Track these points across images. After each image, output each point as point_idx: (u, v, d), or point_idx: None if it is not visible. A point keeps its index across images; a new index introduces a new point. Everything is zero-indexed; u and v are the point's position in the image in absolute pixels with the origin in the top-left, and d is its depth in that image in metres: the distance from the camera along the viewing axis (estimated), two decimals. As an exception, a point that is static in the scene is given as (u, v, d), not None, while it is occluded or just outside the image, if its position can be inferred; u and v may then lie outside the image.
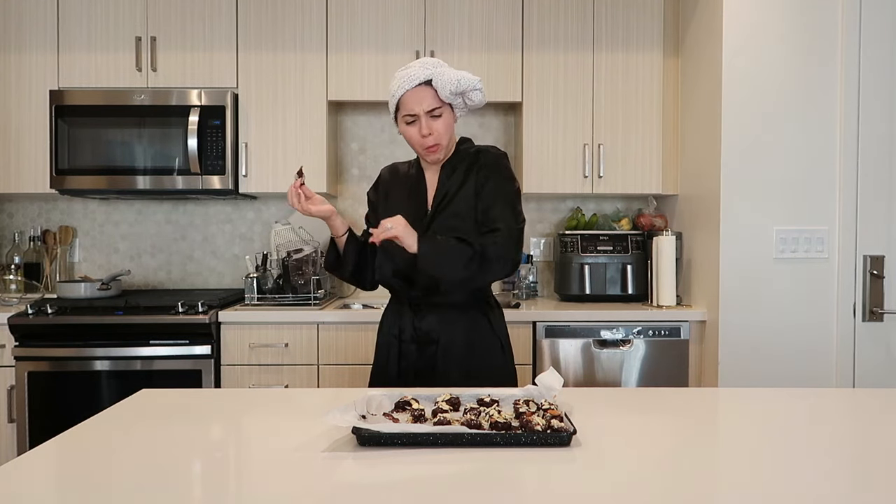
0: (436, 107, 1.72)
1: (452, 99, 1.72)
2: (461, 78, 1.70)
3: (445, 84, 1.69)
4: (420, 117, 1.72)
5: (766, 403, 1.41)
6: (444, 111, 1.74)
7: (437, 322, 1.78)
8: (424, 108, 1.71)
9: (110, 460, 1.04)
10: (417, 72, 1.72)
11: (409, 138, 1.77)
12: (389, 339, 1.83)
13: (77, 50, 2.94)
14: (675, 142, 3.05)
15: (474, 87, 1.72)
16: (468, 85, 1.70)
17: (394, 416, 1.19)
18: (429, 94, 1.72)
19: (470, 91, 1.72)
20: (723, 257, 2.58)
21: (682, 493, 0.92)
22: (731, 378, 2.57)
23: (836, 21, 2.54)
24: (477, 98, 1.75)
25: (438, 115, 1.73)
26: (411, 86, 1.71)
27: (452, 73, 1.70)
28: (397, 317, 1.83)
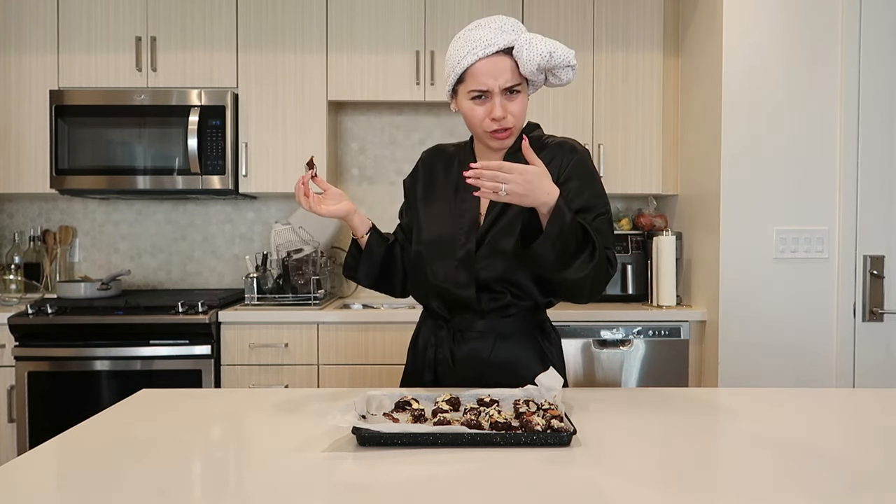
0: (516, 84, 1.38)
1: (536, 76, 1.38)
2: (554, 50, 1.35)
3: (533, 56, 1.33)
4: (494, 95, 1.37)
5: (766, 403, 1.41)
6: (523, 88, 1.41)
7: (481, 351, 1.47)
8: (501, 85, 1.36)
9: (110, 460, 1.04)
10: (495, 36, 1.36)
11: (471, 118, 1.41)
12: (422, 371, 1.54)
13: (77, 50, 2.94)
14: (675, 142, 3.05)
15: (567, 64, 1.38)
16: (561, 59, 1.36)
17: (394, 416, 1.19)
18: (508, 66, 1.36)
19: (562, 68, 1.38)
20: (723, 257, 2.58)
21: (682, 493, 0.92)
22: (731, 378, 2.56)
23: (836, 21, 2.54)
24: (567, 77, 1.41)
25: (517, 92, 1.39)
26: (486, 53, 1.35)
27: (542, 44, 1.35)
28: (433, 334, 1.54)
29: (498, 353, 1.48)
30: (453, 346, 1.50)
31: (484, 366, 1.48)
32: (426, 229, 1.53)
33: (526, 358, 1.49)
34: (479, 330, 1.49)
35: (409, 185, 1.62)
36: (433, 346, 1.53)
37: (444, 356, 1.51)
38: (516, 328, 1.50)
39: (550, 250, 1.28)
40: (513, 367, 1.47)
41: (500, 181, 1.22)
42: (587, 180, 1.44)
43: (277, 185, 2.97)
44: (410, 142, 3.32)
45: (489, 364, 1.48)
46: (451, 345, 1.50)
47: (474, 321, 1.49)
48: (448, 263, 1.47)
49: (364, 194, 3.35)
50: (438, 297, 1.50)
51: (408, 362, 1.62)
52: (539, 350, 1.52)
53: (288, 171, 2.96)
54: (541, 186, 1.24)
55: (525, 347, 1.50)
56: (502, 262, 1.44)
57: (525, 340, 1.51)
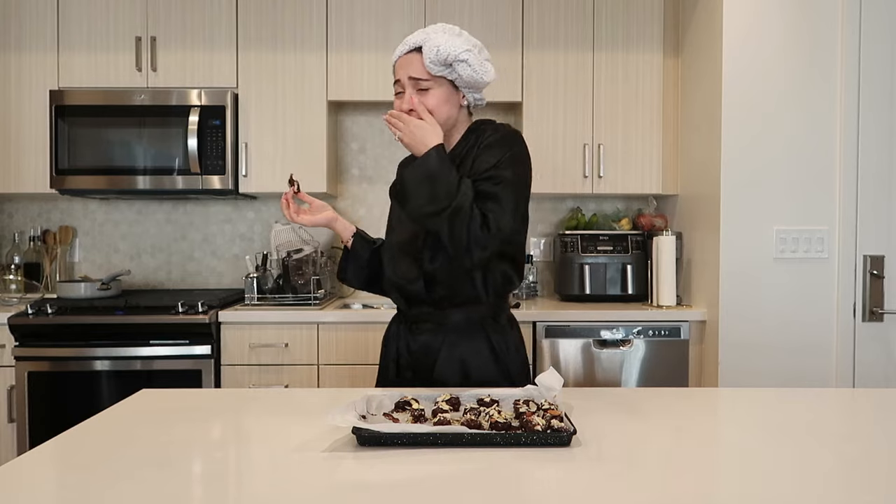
0: (420, 77, 1.50)
1: (442, 71, 1.49)
2: (441, 45, 1.46)
3: (429, 52, 1.47)
4: (406, 87, 1.52)
5: (766, 403, 1.41)
6: (435, 85, 1.51)
7: (432, 344, 1.57)
8: (409, 74, 1.51)
9: (110, 460, 1.04)
10: (415, 36, 1.52)
11: None
12: (388, 363, 1.65)
13: (77, 50, 2.94)
14: (675, 142, 3.05)
15: (457, 58, 1.47)
16: (449, 54, 1.46)
17: (394, 416, 1.19)
18: (416, 61, 1.51)
19: (457, 62, 1.48)
20: (723, 257, 2.58)
21: (681, 493, 0.92)
22: (731, 378, 2.56)
23: (836, 21, 2.54)
24: (465, 72, 1.49)
25: (425, 89, 1.50)
26: (402, 52, 1.53)
27: (441, 39, 1.47)
28: (396, 337, 1.64)
29: (448, 346, 1.56)
30: (409, 338, 1.61)
31: (434, 358, 1.56)
32: (389, 229, 1.69)
33: (474, 350, 1.56)
34: (431, 322, 1.58)
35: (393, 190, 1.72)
36: (395, 340, 1.64)
37: (402, 349, 1.62)
38: (465, 320, 1.57)
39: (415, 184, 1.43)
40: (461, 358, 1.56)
41: (398, 128, 1.46)
42: (501, 150, 1.52)
43: (277, 185, 2.97)
44: (410, 142, 3.32)
45: (439, 356, 1.56)
46: (408, 337, 1.61)
47: (427, 314, 1.59)
48: (401, 259, 1.59)
49: (364, 194, 3.35)
50: (397, 291, 1.62)
51: (380, 357, 1.71)
52: (489, 343, 1.57)
53: (288, 171, 2.96)
54: (422, 138, 1.44)
55: (474, 339, 1.57)
56: (446, 255, 1.51)
57: (474, 333, 1.57)
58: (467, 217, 1.41)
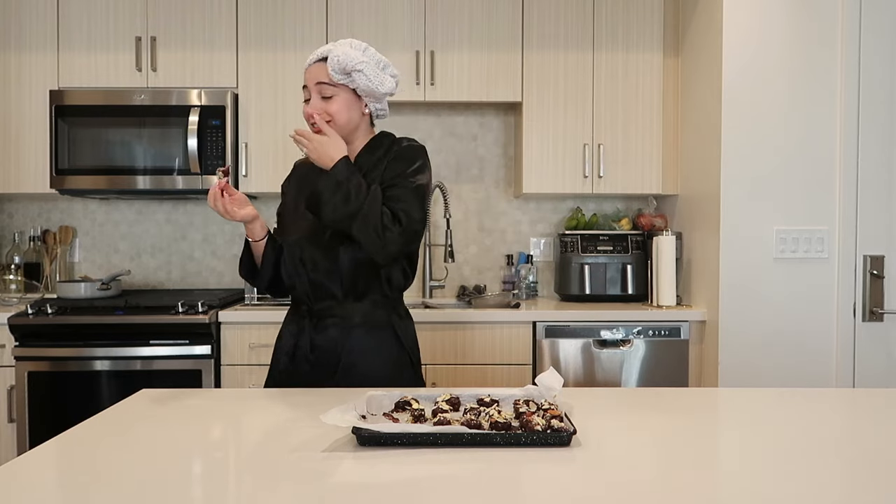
0: (324, 82, 1.58)
1: (341, 78, 1.57)
2: (341, 55, 1.55)
3: (330, 61, 1.56)
4: (312, 94, 1.60)
5: (766, 403, 1.41)
6: (339, 93, 1.59)
7: (338, 337, 1.63)
8: (313, 83, 1.59)
9: (110, 460, 1.04)
10: (322, 49, 1.60)
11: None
12: (280, 357, 1.69)
13: (77, 50, 2.94)
14: (675, 142, 3.05)
15: (353, 68, 1.55)
16: (346, 64, 1.55)
17: (394, 416, 1.19)
18: (321, 70, 1.59)
19: (354, 72, 1.56)
20: (723, 257, 2.59)
21: (681, 493, 0.92)
22: (731, 378, 2.57)
23: (836, 21, 2.54)
24: (361, 81, 1.57)
25: (329, 96, 1.59)
26: (311, 61, 1.61)
27: (342, 49, 1.56)
28: (295, 330, 1.68)
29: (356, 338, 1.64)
30: (312, 332, 1.65)
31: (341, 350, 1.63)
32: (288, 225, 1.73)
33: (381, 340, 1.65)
34: (337, 316, 1.64)
35: (284, 188, 1.83)
36: (293, 335, 1.68)
37: (304, 343, 1.65)
38: (371, 314, 1.65)
39: (329, 193, 1.53)
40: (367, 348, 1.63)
41: (303, 144, 1.55)
42: (411, 161, 1.63)
43: (277, 185, 2.95)
44: (410, 142, 3.32)
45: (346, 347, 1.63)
46: (311, 332, 1.65)
47: (331, 308, 1.65)
48: (313, 252, 1.64)
49: (364, 194, 3.34)
50: (309, 284, 1.65)
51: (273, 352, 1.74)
52: (394, 333, 1.67)
53: (288, 172, 2.95)
54: (326, 152, 1.54)
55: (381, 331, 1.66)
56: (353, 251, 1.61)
57: (381, 325, 1.66)
58: (378, 216, 1.52)
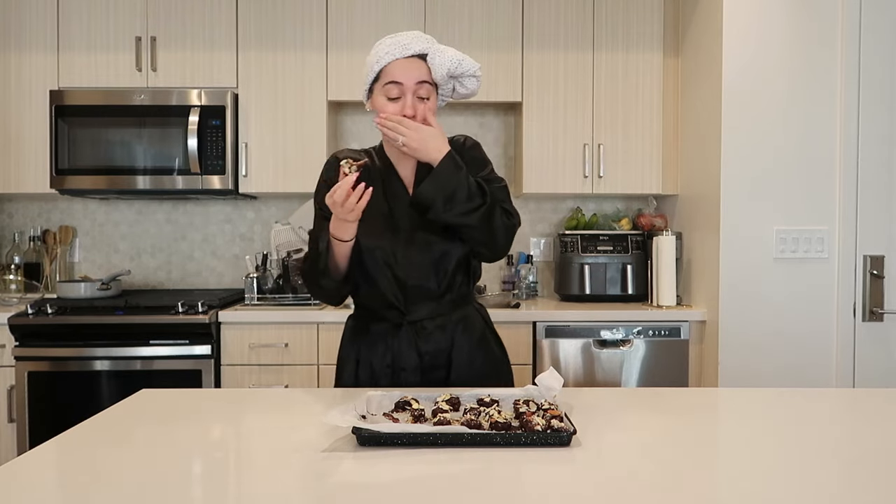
0: (426, 81, 1.48)
1: (445, 82, 1.50)
2: (462, 59, 1.47)
3: (444, 62, 1.46)
4: (406, 93, 1.47)
5: (766, 403, 1.41)
6: (432, 95, 1.51)
7: (444, 339, 1.54)
8: (414, 79, 1.47)
9: (110, 460, 1.04)
10: (412, 42, 1.48)
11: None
12: (377, 371, 1.55)
13: (77, 50, 2.94)
14: (675, 142, 3.05)
15: (472, 73, 1.50)
16: (468, 68, 1.48)
17: (394, 416, 1.19)
18: (422, 68, 1.49)
19: (467, 77, 1.50)
20: (723, 257, 2.58)
21: (681, 493, 0.92)
22: (731, 378, 2.57)
23: (836, 21, 2.54)
24: (472, 86, 1.52)
25: (425, 97, 1.49)
26: (403, 54, 1.48)
27: (452, 52, 1.47)
28: (388, 341, 1.55)
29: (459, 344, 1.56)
30: (417, 340, 1.54)
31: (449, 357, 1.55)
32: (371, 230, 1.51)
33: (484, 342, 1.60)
34: (437, 320, 1.55)
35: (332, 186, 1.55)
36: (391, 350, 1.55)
37: (406, 351, 1.54)
38: (465, 309, 1.60)
39: (435, 192, 1.43)
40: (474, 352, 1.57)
41: (400, 133, 1.43)
42: (479, 163, 1.57)
43: (277, 185, 2.97)
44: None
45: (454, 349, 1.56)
46: (416, 340, 1.54)
47: (433, 309, 1.55)
48: (406, 253, 1.53)
49: (364, 194, 3.34)
50: (400, 288, 1.54)
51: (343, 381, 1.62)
52: (493, 333, 1.65)
53: (288, 171, 2.96)
54: (433, 144, 1.43)
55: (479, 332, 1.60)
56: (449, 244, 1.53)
57: (477, 325, 1.61)
58: (499, 212, 1.48)
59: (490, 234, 1.48)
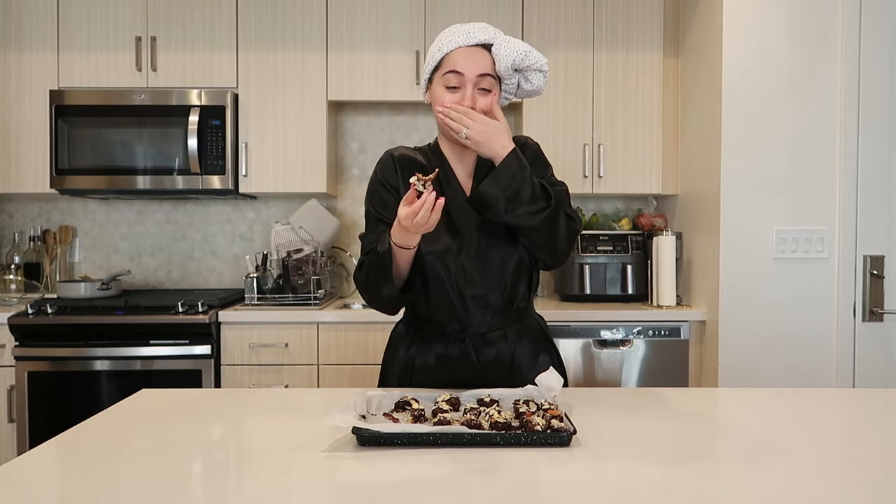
0: (489, 74, 1.41)
1: (509, 75, 1.42)
2: (529, 51, 1.39)
3: (510, 52, 1.38)
4: (467, 84, 1.40)
5: (766, 403, 1.41)
6: (495, 88, 1.43)
7: (506, 349, 1.48)
8: (476, 71, 1.40)
9: (110, 460, 1.04)
10: (477, 31, 1.42)
11: (439, 106, 1.43)
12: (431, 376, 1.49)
13: (77, 50, 2.94)
14: (675, 142, 3.05)
15: (539, 68, 1.42)
16: (534, 61, 1.40)
17: (394, 416, 1.19)
18: (486, 58, 1.41)
19: (534, 71, 1.42)
20: (723, 257, 2.58)
21: (681, 493, 0.92)
22: (731, 378, 2.56)
23: (836, 21, 2.54)
24: (538, 82, 1.44)
25: (488, 90, 1.41)
26: (467, 43, 1.41)
27: (519, 44, 1.40)
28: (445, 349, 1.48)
29: (520, 352, 1.51)
30: (476, 353, 1.48)
31: (509, 366, 1.49)
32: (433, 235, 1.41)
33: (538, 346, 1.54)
34: (499, 330, 1.49)
35: (391, 181, 1.50)
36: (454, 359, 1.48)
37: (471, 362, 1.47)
38: (529, 323, 1.55)
39: (498, 190, 1.35)
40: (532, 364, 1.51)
41: (465, 125, 1.35)
42: (542, 164, 1.52)
43: (277, 185, 2.97)
44: (410, 142, 3.32)
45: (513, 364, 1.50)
46: (475, 352, 1.48)
47: (494, 322, 1.48)
48: (465, 261, 1.45)
49: (363, 194, 3.34)
50: (460, 298, 1.46)
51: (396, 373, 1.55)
52: (550, 342, 1.58)
53: (288, 171, 2.96)
54: (498, 139, 1.36)
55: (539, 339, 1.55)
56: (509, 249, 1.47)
57: (538, 334, 1.56)
58: (563, 216, 1.42)
59: (553, 238, 1.40)
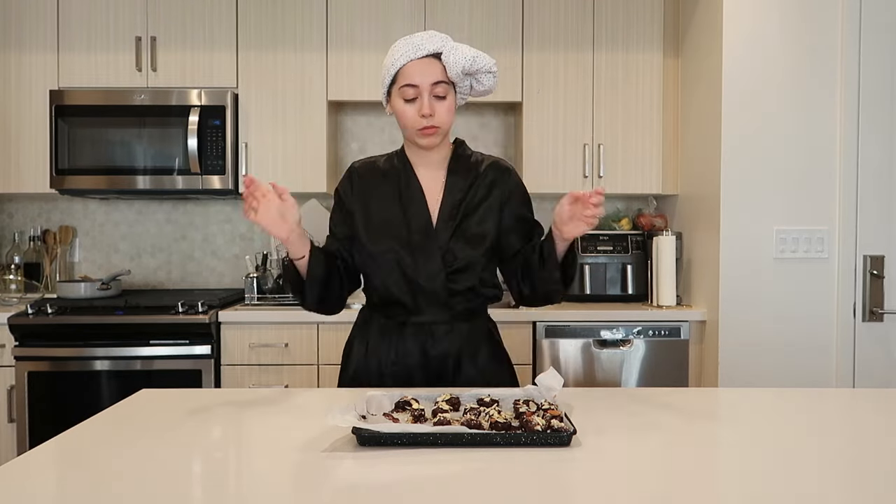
0: (442, 81, 1.49)
1: (461, 79, 1.51)
2: (477, 56, 1.48)
3: (459, 59, 1.47)
4: (423, 93, 1.49)
5: (766, 403, 1.41)
6: (449, 93, 1.52)
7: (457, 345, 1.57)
8: (429, 81, 1.48)
9: (110, 460, 1.04)
10: (425, 42, 1.50)
11: (402, 118, 1.53)
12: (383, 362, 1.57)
13: (77, 50, 2.94)
14: (675, 142, 3.05)
15: (489, 70, 1.51)
16: (483, 65, 1.50)
17: (394, 416, 1.19)
18: (437, 67, 1.49)
19: (483, 73, 1.51)
20: (723, 257, 2.58)
21: (681, 493, 0.92)
22: (731, 378, 2.57)
23: (836, 21, 2.54)
24: (488, 83, 1.54)
25: (443, 96, 1.50)
26: (417, 55, 1.49)
27: (467, 50, 1.48)
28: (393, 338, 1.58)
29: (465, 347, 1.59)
30: (426, 342, 1.56)
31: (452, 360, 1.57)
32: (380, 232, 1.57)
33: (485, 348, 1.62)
34: (444, 327, 1.57)
35: (346, 191, 1.64)
36: (394, 348, 1.57)
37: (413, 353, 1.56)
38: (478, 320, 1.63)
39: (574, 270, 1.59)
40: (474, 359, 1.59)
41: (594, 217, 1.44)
42: (528, 199, 1.67)
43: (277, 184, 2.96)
44: (410, 142, 3.31)
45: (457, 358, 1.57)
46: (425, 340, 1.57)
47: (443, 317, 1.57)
48: (421, 261, 1.54)
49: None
50: (410, 295, 1.56)
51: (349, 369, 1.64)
52: (496, 340, 1.66)
53: (288, 171, 2.96)
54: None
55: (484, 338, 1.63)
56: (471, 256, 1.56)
57: (484, 331, 1.63)
58: None
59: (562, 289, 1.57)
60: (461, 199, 1.57)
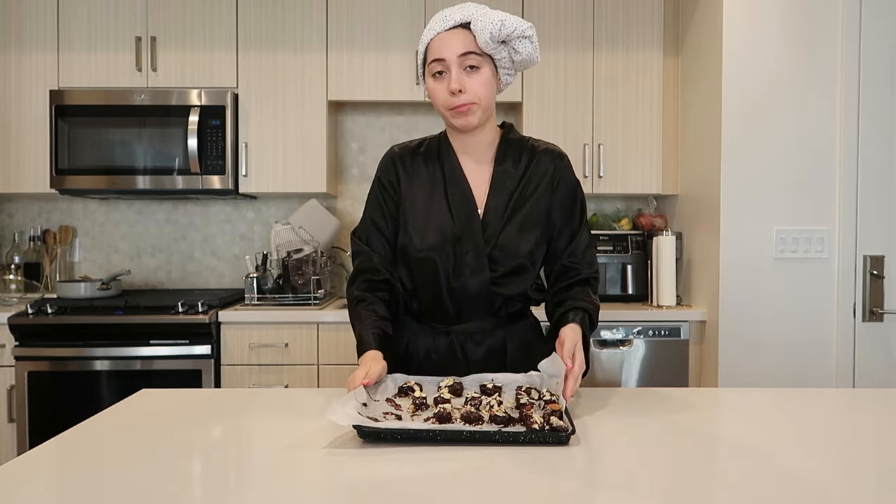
0: (471, 51, 1.34)
1: (494, 48, 1.35)
2: (505, 19, 1.32)
3: (486, 26, 1.32)
4: (450, 68, 1.35)
5: (766, 403, 1.41)
6: (484, 65, 1.36)
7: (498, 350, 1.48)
8: (457, 52, 1.34)
9: (110, 460, 1.04)
10: (452, 13, 1.37)
11: (433, 97, 1.39)
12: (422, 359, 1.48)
13: (77, 50, 2.94)
14: (675, 142, 3.05)
15: (522, 34, 1.35)
16: (513, 29, 1.33)
17: (395, 402, 1.20)
18: (465, 38, 1.35)
19: (517, 38, 1.35)
20: (723, 257, 2.58)
21: (681, 493, 0.92)
22: (731, 378, 2.56)
23: (836, 21, 2.54)
24: (525, 50, 1.37)
25: (476, 67, 1.35)
26: (444, 27, 1.36)
27: (495, 14, 1.33)
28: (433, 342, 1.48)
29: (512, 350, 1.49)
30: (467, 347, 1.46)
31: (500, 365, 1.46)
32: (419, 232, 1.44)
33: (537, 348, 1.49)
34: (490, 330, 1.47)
35: (391, 180, 1.47)
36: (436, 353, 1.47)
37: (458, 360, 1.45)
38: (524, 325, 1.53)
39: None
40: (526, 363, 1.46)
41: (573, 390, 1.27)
42: (577, 202, 1.56)
43: (277, 185, 2.97)
44: (410, 142, 3.31)
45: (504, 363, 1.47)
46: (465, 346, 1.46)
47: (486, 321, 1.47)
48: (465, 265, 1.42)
49: (364, 194, 3.34)
50: (450, 298, 1.44)
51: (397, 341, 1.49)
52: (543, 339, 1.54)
53: (288, 171, 2.96)
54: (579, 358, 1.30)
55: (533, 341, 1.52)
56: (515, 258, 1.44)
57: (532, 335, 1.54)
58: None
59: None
60: (511, 191, 1.44)
